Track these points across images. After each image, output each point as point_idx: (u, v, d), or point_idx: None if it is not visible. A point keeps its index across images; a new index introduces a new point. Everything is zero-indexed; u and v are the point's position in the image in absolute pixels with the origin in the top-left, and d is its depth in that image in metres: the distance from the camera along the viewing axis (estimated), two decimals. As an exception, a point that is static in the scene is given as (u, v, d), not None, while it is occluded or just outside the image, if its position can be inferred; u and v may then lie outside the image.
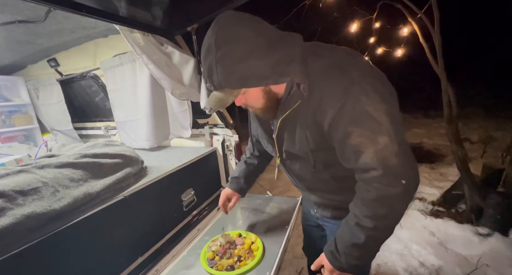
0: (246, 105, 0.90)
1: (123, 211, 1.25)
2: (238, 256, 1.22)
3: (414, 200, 3.10)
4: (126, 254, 1.28)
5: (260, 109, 0.89)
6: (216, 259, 1.23)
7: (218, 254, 1.25)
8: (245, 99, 0.86)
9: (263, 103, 0.86)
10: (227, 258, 1.23)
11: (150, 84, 1.99)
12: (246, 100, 0.87)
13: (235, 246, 1.29)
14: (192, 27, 1.80)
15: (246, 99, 0.86)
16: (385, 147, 0.70)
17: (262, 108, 0.87)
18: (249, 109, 0.96)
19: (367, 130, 0.71)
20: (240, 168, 1.39)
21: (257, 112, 0.93)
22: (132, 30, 1.62)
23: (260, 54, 0.71)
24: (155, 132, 2.15)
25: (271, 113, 0.90)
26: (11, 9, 1.50)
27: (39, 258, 0.92)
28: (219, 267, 1.17)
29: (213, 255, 1.25)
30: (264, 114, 0.91)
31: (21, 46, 2.16)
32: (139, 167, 1.53)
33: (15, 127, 2.91)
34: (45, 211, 0.98)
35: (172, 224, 1.61)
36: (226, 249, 1.27)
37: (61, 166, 1.20)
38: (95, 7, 1.34)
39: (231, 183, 1.38)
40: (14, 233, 0.88)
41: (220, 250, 1.27)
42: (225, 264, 1.18)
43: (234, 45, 0.71)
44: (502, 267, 2.01)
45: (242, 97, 0.86)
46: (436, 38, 2.55)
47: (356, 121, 0.72)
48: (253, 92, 0.83)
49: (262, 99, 0.84)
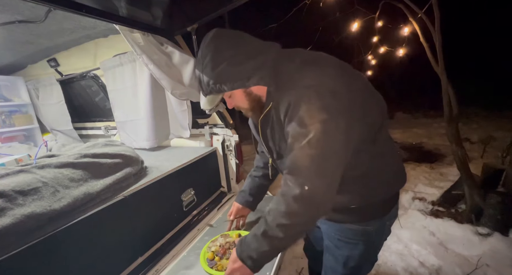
0: (236, 107, 1.02)
1: (123, 211, 1.25)
2: None
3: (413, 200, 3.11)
4: (126, 254, 1.28)
5: (247, 110, 1.00)
6: (216, 259, 1.23)
7: (218, 255, 1.25)
8: (233, 101, 0.99)
9: (248, 104, 0.97)
10: (226, 258, 1.23)
11: (150, 84, 1.99)
12: (235, 102, 0.99)
13: (234, 246, 1.29)
14: (192, 27, 1.80)
15: (234, 101, 0.99)
16: (303, 149, 0.77)
17: (248, 108, 0.99)
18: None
19: (297, 133, 0.79)
20: (246, 181, 1.42)
21: (246, 113, 1.04)
22: (132, 30, 1.62)
23: (235, 62, 0.84)
24: (155, 132, 2.15)
25: (257, 114, 0.99)
26: (11, 9, 1.50)
27: (39, 258, 0.92)
28: (219, 268, 1.17)
29: (212, 255, 1.25)
30: (251, 114, 1.03)
31: (21, 46, 2.16)
32: (139, 167, 1.53)
33: (15, 127, 2.91)
34: (45, 211, 0.98)
35: (172, 224, 1.60)
36: (226, 250, 1.27)
37: (61, 166, 1.20)
38: (95, 7, 1.34)
39: (238, 196, 1.42)
40: (14, 233, 0.88)
41: (219, 251, 1.27)
42: (225, 265, 1.17)
43: (214, 56, 0.84)
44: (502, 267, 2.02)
45: (231, 100, 0.99)
46: (436, 38, 2.55)
47: (291, 122, 0.81)
48: (237, 95, 0.96)
49: (246, 100, 0.97)
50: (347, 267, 1.10)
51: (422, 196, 3.20)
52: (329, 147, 0.76)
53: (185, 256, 1.32)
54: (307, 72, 0.84)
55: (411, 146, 5.56)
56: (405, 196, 3.24)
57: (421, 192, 3.31)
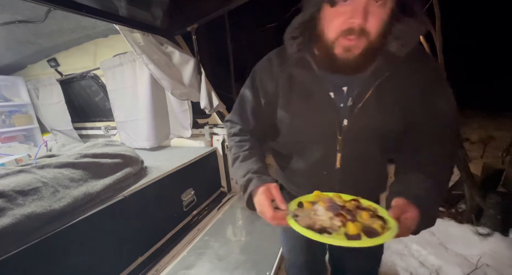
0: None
1: (123, 211, 1.25)
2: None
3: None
4: (126, 254, 1.28)
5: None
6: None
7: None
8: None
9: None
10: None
11: (150, 84, 1.99)
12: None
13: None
14: (192, 27, 1.80)
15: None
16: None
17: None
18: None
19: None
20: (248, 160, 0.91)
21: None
22: (132, 30, 1.62)
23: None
24: (155, 132, 2.15)
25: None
26: (11, 9, 1.50)
27: (39, 258, 0.92)
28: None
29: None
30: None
31: (21, 46, 2.17)
32: (139, 167, 1.53)
33: (15, 127, 2.91)
34: (45, 211, 0.98)
35: (172, 224, 1.61)
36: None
37: (61, 166, 1.20)
38: (95, 7, 1.34)
39: (259, 179, 0.79)
40: (14, 233, 0.88)
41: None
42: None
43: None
44: (502, 267, 2.01)
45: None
46: (437, 38, 2.55)
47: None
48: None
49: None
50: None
51: (422, 196, 3.20)
52: (240, 102, 0.94)
53: (185, 256, 1.32)
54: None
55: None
56: (405, 196, 3.23)
57: (421, 192, 3.30)
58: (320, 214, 0.65)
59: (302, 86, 0.80)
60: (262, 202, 0.71)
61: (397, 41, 0.66)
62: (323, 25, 0.67)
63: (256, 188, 0.75)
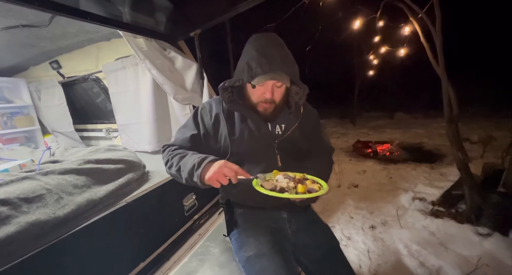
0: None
1: (125, 217, 1.26)
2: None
3: (414, 200, 3.11)
4: (128, 260, 1.29)
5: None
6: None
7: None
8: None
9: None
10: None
11: (152, 88, 2.00)
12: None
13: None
14: (195, 33, 1.81)
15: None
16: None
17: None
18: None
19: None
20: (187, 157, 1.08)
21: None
22: (135, 36, 1.63)
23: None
24: (157, 136, 2.16)
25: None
26: (16, 14, 1.51)
27: (43, 266, 0.92)
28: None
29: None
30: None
31: (24, 48, 2.17)
32: (141, 172, 1.54)
33: (16, 128, 2.92)
34: (49, 218, 0.99)
35: (174, 229, 1.61)
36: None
37: (64, 172, 1.21)
38: (99, 15, 1.34)
39: (214, 157, 1.02)
40: (18, 241, 0.88)
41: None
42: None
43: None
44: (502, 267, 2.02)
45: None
46: (437, 38, 2.55)
47: None
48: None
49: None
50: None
51: (422, 196, 3.20)
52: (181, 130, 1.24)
53: (187, 263, 1.32)
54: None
55: (411, 146, 5.55)
56: (405, 196, 3.23)
57: (421, 192, 3.31)
58: (280, 180, 0.95)
59: (242, 117, 1.17)
60: (221, 161, 0.97)
61: (296, 95, 1.18)
62: (248, 92, 1.14)
63: (213, 159, 1.00)
